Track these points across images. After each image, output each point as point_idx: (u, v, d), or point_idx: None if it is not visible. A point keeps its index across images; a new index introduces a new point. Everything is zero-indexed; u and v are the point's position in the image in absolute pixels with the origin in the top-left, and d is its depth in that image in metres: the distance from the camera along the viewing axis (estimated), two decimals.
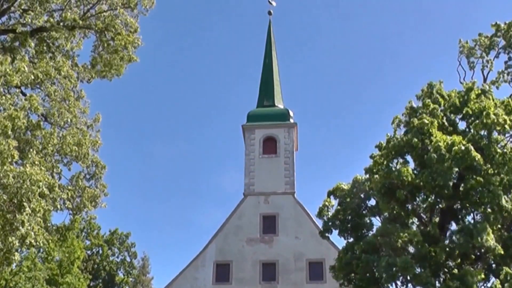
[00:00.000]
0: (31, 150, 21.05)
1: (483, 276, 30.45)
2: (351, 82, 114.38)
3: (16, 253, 21.93)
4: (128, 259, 53.08)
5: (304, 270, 49.15)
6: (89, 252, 48.67)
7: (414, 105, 36.09)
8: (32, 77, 21.29)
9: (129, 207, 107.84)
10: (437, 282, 32.28)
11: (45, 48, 24.56)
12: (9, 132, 19.37)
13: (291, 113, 56.09)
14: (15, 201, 20.09)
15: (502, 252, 30.86)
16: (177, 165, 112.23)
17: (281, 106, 57.80)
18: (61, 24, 24.27)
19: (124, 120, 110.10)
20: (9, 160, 19.03)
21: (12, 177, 19.45)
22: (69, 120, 22.74)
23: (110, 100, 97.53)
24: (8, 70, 20.06)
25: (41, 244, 22.17)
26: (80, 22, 24.23)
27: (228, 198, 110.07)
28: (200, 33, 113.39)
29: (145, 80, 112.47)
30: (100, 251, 50.86)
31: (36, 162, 20.59)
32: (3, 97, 20.32)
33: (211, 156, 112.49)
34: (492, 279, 33.75)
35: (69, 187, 22.67)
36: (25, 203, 20.00)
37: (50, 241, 24.73)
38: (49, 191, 21.07)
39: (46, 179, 20.63)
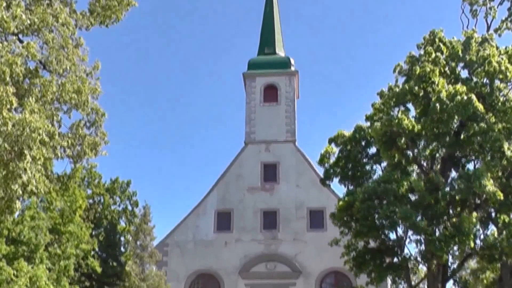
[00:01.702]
0: (30, 98, 20.85)
1: (474, 220, 30.58)
2: (353, 31, 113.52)
3: (17, 201, 21.93)
4: (129, 208, 53.19)
5: (305, 218, 49.46)
6: (90, 201, 48.69)
7: (415, 54, 35.99)
8: (29, 22, 20.98)
9: (130, 156, 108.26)
10: (436, 230, 32.53)
11: None
12: (7, 79, 19.19)
13: (292, 61, 55.80)
14: (16, 149, 19.99)
15: (502, 198, 31.03)
16: (177, 113, 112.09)
17: (282, 54, 57.48)
18: None
19: (123, 67, 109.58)
20: (7, 106, 18.86)
21: (11, 124, 19.31)
22: (68, 67, 22.41)
23: (109, 48, 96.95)
24: (4, 16, 19.78)
25: (42, 192, 22.14)
26: None
27: (228, 146, 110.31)
28: None
29: (144, 27, 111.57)
30: (102, 200, 50.93)
31: (35, 110, 20.38)
32: (0, 44, 20.06)
33: (211, 103, 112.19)
34: (491, 226, 34.06)
35: (69, 135, 22.48)
36: (25, 151, 19.88)
37: (51, 190, 24.72)
38: (49, 139, 20.92)
39: (46, 127, 20.47)
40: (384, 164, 37.11)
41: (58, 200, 39.72)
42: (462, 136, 33.39)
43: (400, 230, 35.26)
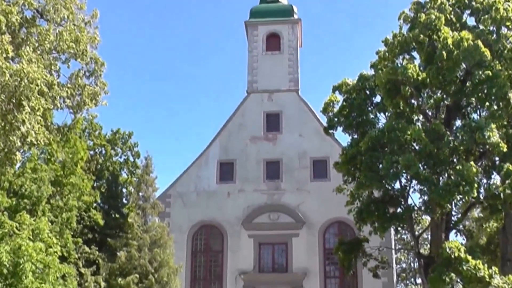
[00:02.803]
0: (27, 47, 20.47)
1: (474, 170, 30.42)
2: None
3: (17, 153, 21.72)
4: (131, 159, 53.03)
5: (308, 168, 49.23)
6: (91, 152, 48.41)
7: (421, 1, 35.48)
8: None
9: (131, 107, 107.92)
10: (441, 178, 32.42)
11: None
12: (3, 28, 18.80)
13: (295, 9, 54.96)
14: (14, 100, 19.70)
15: (505, 149, 30.92)
16: (178, 63, 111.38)
17: (284, 2, 56.60)
18: None
19: (122, 17, 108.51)
20: (4, 55, 18.48)
21: (9, 75, 18.98)
22: (65, 16, 22.04)
23: None
24: None
25: (42, 144, 21.95)
26: None
27: (231, 96, 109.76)
28: None
29: None
30: (103, 152, 50.72)
31: (33, 60, 20.05)
32: None
33: (213, 53, 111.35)
34: (496, 177, 33.94)
35: (69, 85, 22.19)
36: (24, 102, 19.63)
37: (52, 141, 24.49)
38: (48, 89, 20.66)
39: (45, 77, 20.16)
40: (388, 113, 36.81)
41: (59, 151, 39.44)
42: (467, 84, 33.09)
43: (403, 180, 35.13)
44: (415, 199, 57.45)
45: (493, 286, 30.32)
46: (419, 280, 59.93)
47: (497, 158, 33.83)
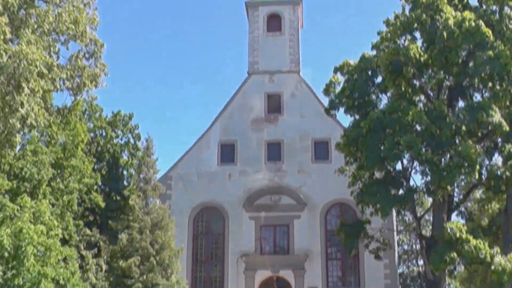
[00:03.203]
0: (26, 28, 20.32)
1: (472, 151, 30.40)
2: None
3: (17, 135, 21.60)
4: (132, 141, 52.75)
5: (310, 149, 49.04)
6: (92, 134, 48.16)
7: None
8: None
9: (131, 89, 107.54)
10: (442, 159, 32.37)
11: None
12: (1, 9, 18.63)
13: None
14: (13, 82, 19.56)
15: (508, 129, 30.85)
16: (179, 44, 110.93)
17: None
18: None
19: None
20: (1, 37, 18.31)
21: (8, 56, 18.82)
22: None
23: None
24: None
25: (42, 125, 21.86)
26: None
27: (232, 77, 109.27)
28: None
29: None
30: (103, 134, 50.45)
31: (32, 41, 19.88)
32: None
33: (214, 34, 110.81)
34: (498, 158, 33.93)
35: (68, 67, 22.08)
36: (23, 84, 19.49)
37: (52, 123, 24.38)
38: (47, 71, 20.52)
39: (44, 58, 20.01)
40: (390, 93, 36.69)
41: (60, 133, 39.24)
42: (470, 64, 32.95)
43: (405, 161, 35.08)
44: (417, 180, 57.43)
45: (495, 265, 30.35)
46: (421, 262, 60.05)
47: (499, 140, 33.79)
